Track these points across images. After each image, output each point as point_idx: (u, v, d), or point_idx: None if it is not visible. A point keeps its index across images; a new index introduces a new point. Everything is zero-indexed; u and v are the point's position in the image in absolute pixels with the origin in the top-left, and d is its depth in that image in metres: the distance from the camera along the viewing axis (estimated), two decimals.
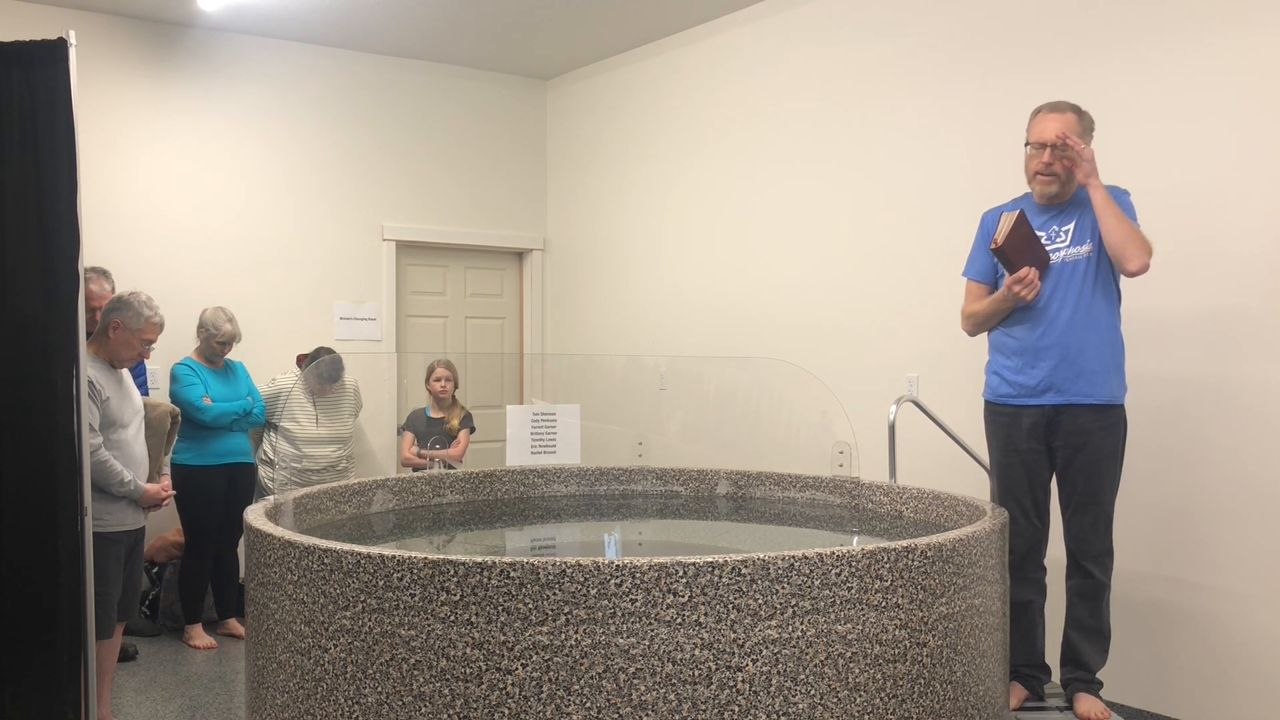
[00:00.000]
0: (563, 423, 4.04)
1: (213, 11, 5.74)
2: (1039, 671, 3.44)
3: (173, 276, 5.85)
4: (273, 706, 2.58)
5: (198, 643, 5.20)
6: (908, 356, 4.91)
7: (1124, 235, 3.20)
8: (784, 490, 3.94)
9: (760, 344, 5.65)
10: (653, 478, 4.16)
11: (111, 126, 5.77)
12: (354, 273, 6.56)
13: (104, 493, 3.69)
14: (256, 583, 2.68)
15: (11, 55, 3.39)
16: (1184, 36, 3.93)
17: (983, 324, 3.52)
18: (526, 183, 7.21)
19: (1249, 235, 3.75)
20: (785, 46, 5.53)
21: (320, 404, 5.72)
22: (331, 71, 6.46)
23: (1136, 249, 3.20)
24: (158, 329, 3.90)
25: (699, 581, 2.24)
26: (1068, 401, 3.30)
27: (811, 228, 5.41)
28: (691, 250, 6.12)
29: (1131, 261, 3.22)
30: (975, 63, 4.62)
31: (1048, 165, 3.33)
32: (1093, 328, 3.30)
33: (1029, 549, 3.40)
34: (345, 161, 6.52)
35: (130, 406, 3.85)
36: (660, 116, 6.33)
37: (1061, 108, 3.37)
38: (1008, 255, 3.29)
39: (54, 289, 3.38)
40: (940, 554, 2.49)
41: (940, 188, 4.77)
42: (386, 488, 3.78)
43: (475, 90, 6.98)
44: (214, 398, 5.28)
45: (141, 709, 4.31)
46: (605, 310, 6.77)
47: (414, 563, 2.31)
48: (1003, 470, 3.46)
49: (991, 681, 2.71)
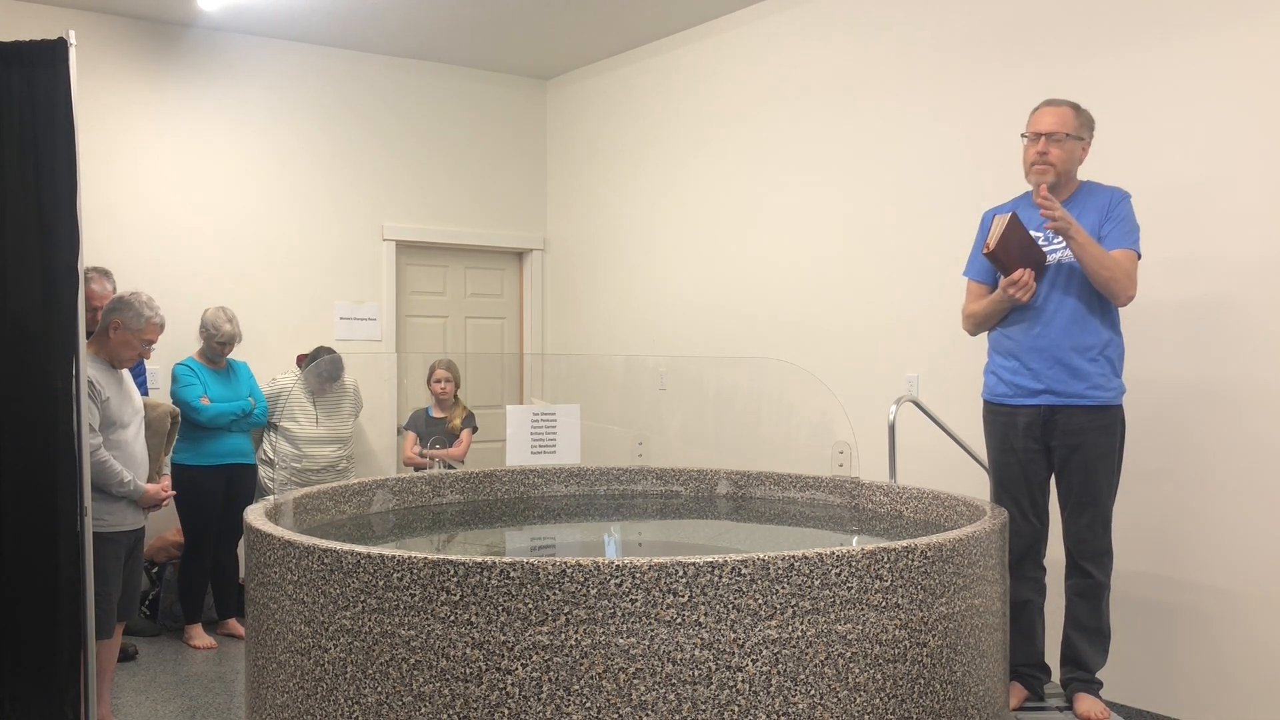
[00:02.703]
0: (563, 423, 4.04)
1: (213, 11, 5.74)
2: (1039, 671, 3.44)
3: (173, 277, 5.85)
4: (273, 706, 2.58)
5: (198, 643, 5.20)
6: (908, 356, 4.91)
7: (1106, 278, 3.24)
8: (784, 490, 3.94)
9: (760, 344, 5.65)
10: (653, 478, 4.16)
11: (111, 126, 5.78)
12: (354, 273, 6.56)
13: (104, 493, 3.69)
14: (256, 583, 2.68)
15: (11, 55, 3.39)
16: (1184, 35, 3.93)
17: (982, 324, 3.52)
18: (526, 183, 7.21)
19: (1248, 234, 3.75)
20: (785, 47, 5.53)
21: (320, 404, 5.72)
22: (332, 71, 6.46)
23: (1120, 286, 3.26)
24: (158, 329, 3.90)
25: (699, 581, 2.24)
26: (1063, 403, 3.31)
27: (812, 227, 5.41)
28: (691, 250, 6.12)
29: (1117, 298, 3.29)
30: (975, 63, 4.62)
31: (1042, 155, 3.34)
32: (1088, 329, 3.30)
33: (1027, 549, 3.40)
34: (345, 161, 6.52)
35: (130, 407, 3.85)
36: (660, 116, 6.33)
37: (1059, 102, 3.39)
38: (1000, 259, 3.30)
39: (54, 289, 3.38)
40: (940, 554, 2.49)
41: (940, 188, 4.77)
42: (386, 488, 3.78)
43: (475, 90, 6.98)
44: (213, 398, 5.28)
45: (141, 709, 4.31)
46: (605, 310, 6.77)
47: (414, 563, 2.31)
48: (1000, 470, 3.46)
49: (991, 681, 2.71)
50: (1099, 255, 3.23)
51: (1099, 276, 3.24)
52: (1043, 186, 3.27)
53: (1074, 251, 3.24)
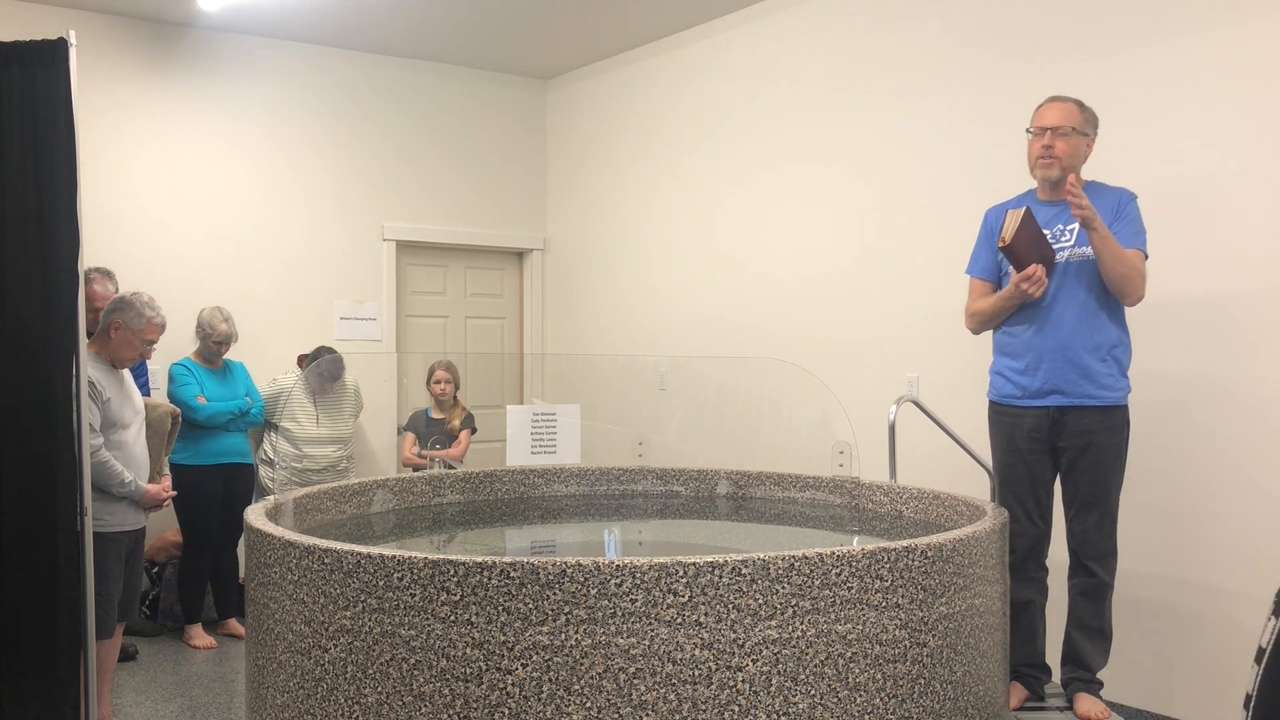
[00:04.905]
0: (563, 423, 4.04)
1: (213, 11, 5.74)
2: (1039, 671, 3.44)
3: (172, 276, 5.85)
4: (273, 706, 2.58)
5: (198, 643, 5.20)
6: (908, 356, 4.91)
7: (1122, 274, 3.24)
8: (784, 490, 3.94)
9: (760, 343, 5.65)
10: (653, 478, 4.16)
11: (111, 126, 5.77)
12: (354, 273, 6.56)
13: (104, 493, 3.69)
14: (256, 583, 2.68)
15: (11, 55, 3.39)
16: (1187, 32, 3.92)
17: (987, 322, 3.51)
18: (526, 183, 7.21)
19: (1252, 232, 3.75)
20: (785, 46, 5.53)
21: (321, 404, 5.72)
22: (332, 71, 6.46)
23: (1132, 285, 3.26)
24: (159, 329, 3.90)
25: (699, 581, 2.24)
26: (1072, 403, 3.30)
27: (812, 227, 5.41)
28: (692, 249, 6.12)
29: (1127, 297, 3.29)
30: (976, 62, 4.62)
31: (1047, 148, 3.33)
32: (1098, 328, 3.29)
33: (1031, 549, 3.40)
34: (346, 161, 6.52)
35: (131, 407, 3.85)
36: (660, 116, 6.33)
37: (1064, 99, 3.40)
38: (1016, 253, 3.28)
39: (54, 289, 3.38)
40: (940, 554, 2.49)
41: (940, 187, 4.77)
42: (386, 488, 3.78)
43: (475, 90, 6.98)
44: (210, 398, 5.28)
45: (141, 709, 4.31)
46: (605, 310, 6.77)
47: (414, 563, 2.31)
48: (1005, 471, 3.45)
49: (991, 681, 2.71)
50: (1118, 251, 3.22)
51: (1115, 272, 3.23)
52: (1073, 175, 3.26)
53: (1094, 244, 3.22)
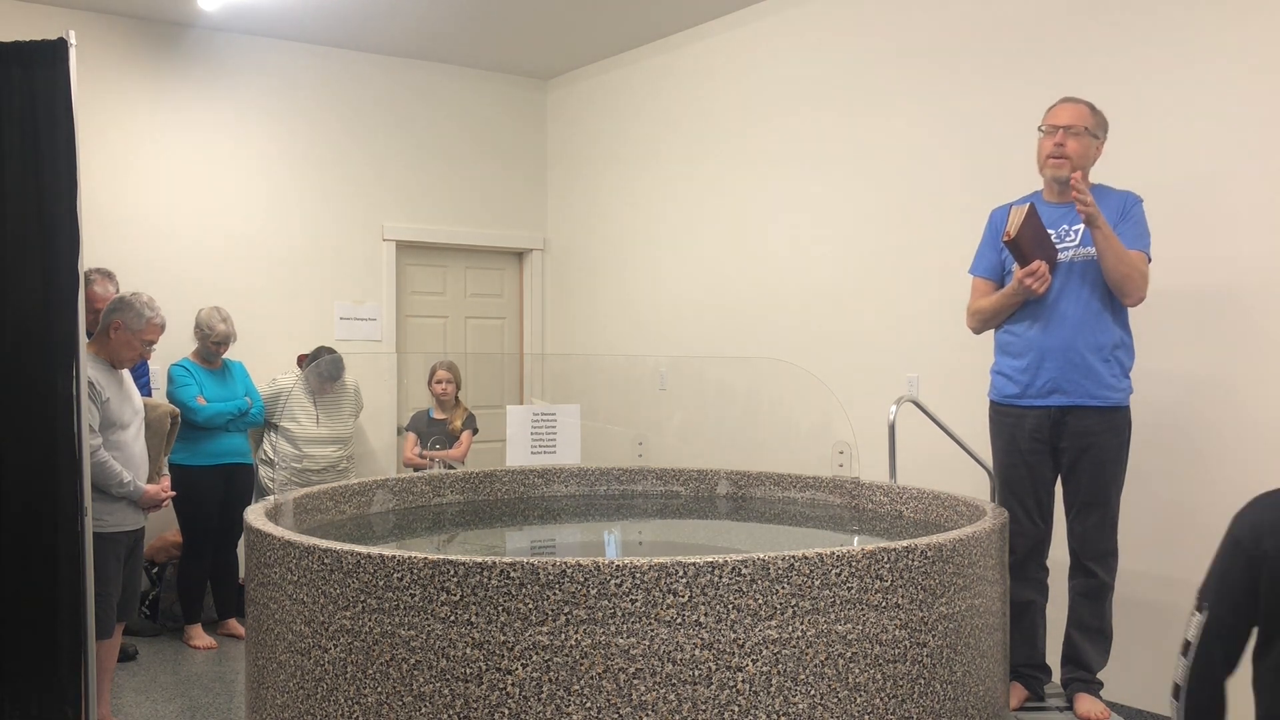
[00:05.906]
0: (563, 423, 4.04)
1: (213, 11, 5.74)
2: (1039, 672, 3.44)
3: (172, 277, 5.85)
4: (273, 706, 2.58)
5: (198, 643, 5.20)
6: (908, 356, 4.91)
7: (1124, 273, 3.24)
8: (784, 490, 3.94)
9: (760, 344, 5.65)
10: (653, 478, 4.16)
11: (111, 126, 5.77)
12: (354, 273, 6.56)
13: (104, 493, 3.69)
14: (256, 583, 2.68)
15: (11, 55, 3.39)
16: (1188, 32, 3.92)
17: (989, 320, 3.50)
18: (526, 183, 7.21)
19: (1254, 233, 3.74)
20: (786, 47, 5.53)
21: (321, 404, 5.72)
22: (331, 71, 6.46)
23: (1133, 285, 3.26)
24: (159, 330, 3.90)
25: (699, 581, 2.24)
26: (1074, 403, 3.30)
27: (812, 227, 5.40)
28: (691, 250, 6.12)
29: (1128, 297, 3.29)
30: (976, 64, 4.62)
31: (1059, 146, 3.33)
32: (1100, 328, 3.29)
33: (1031, 549, 3.40)
34: (345, 161, 6.52)
35: (130, 407, 3.85)
36: (660, 116, 6.33)
37: (1077, 100, 3.41)
38: (1020, 247, 3.27)
39: (54, 289, 3.38)
40: (940, 554, 2.49)
41: (940, 188, 4.77)
42: (386, 488, 3.78)
43: (475, 90, 6.98)
44: (209, 398, 5.28)
45: (141, 709, 4.31)
46: (605, 310, 6.77)
47: (414, 563, 2.31)
48: (1006, 471, 3.45)
49: (991, 681, 2.71)
50: (1120, 250, 3.22)
51: (1117, 271, 3.23)
52: (1078, 173, 3.26)
53: (1097, 243, 3.22)
